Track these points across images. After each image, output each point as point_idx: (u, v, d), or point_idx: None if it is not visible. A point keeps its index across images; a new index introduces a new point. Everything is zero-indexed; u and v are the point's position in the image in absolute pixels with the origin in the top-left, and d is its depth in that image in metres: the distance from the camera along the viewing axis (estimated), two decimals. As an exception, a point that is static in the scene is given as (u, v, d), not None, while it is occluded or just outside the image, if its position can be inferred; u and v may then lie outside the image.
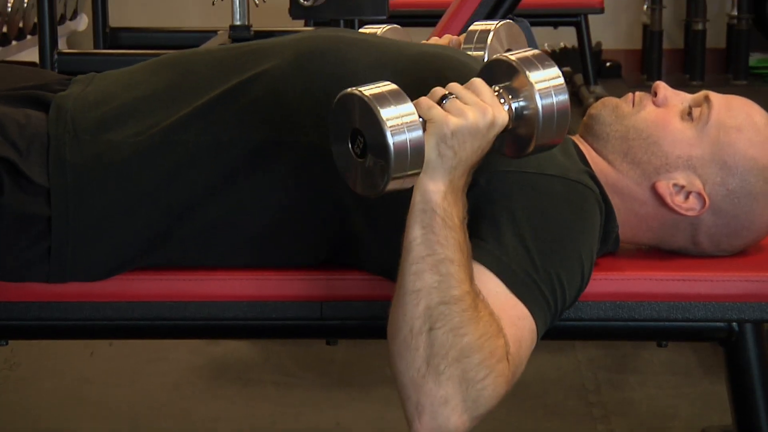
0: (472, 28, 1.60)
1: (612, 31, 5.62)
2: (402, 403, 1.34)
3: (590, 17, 4.75)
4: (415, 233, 1.33)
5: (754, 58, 5.38)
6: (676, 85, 1.64)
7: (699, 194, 1.54)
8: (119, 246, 1.50)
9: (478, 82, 1.36)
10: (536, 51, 1.38)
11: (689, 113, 1.56)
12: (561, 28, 4.97)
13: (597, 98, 4.37)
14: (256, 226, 1.51)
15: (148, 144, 1.50)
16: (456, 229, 1.33)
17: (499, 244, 1.40)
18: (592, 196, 1.50)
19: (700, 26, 5.26)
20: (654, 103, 1.58)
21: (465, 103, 1.33)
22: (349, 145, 1.33)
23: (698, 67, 5.28)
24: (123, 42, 3.52)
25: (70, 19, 4.73)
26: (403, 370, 1.32)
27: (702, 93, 1.59)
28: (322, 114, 1.45)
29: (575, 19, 4.71)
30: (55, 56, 2.93)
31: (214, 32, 3.44)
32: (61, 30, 4.45)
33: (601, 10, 4.76)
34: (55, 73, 1.74)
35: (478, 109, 1.33)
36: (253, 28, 3.14)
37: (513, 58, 1.36)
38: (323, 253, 1.54)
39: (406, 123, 1.29)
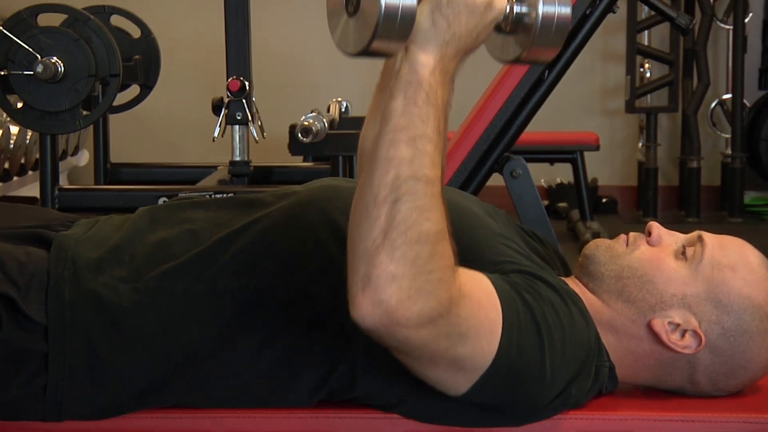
0: None
1: (608, 168, 5.68)
2: (349, 276, 1.29)
3: (586, 154, 4.80)
4: (397, 103, 1.29)
5: (749, 196, 5.42)
6: (672, 221, 1.66)
7: (695, 332, 1.54)
8: (115, 388, 1.50)
9: None
10: None
11: (683, 252, 1.57)
12: (557, 165, 5.02)
13: (594, 234, 4.40)
14: (253, 371, 1.51)
15: (145, 290, 1.51)
16: (439, 109, 1.30)
17: (497, 276, 1.42)
18: (584, 307, 1.51)
19: (694, 164, 5.32)
20: (648, 242, 1.59)
21: None
22: (344, 3, 1.30)
23: (693, 204, 5.32)
24: (123, 177, 3.55)
25: (72, 155, 4.78)
26: (357, 240, 1.28)
27: (695, 233, 1.61)
28: (313, 260, 1.46)
29: (571, 156, 4.76)
30: (56, 192, 2.96)
31: (214, 168, 3.47)
32: (63, 165, 4.49)
33: (597, 148, 4.81)
34: (58, 213, 1.76)
35: None
36: (252, 164, 3.16)
37: None
38: (321, 393, 1.54)
39: None
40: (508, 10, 1.34)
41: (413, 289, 1.28)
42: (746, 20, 5.33)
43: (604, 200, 5.59)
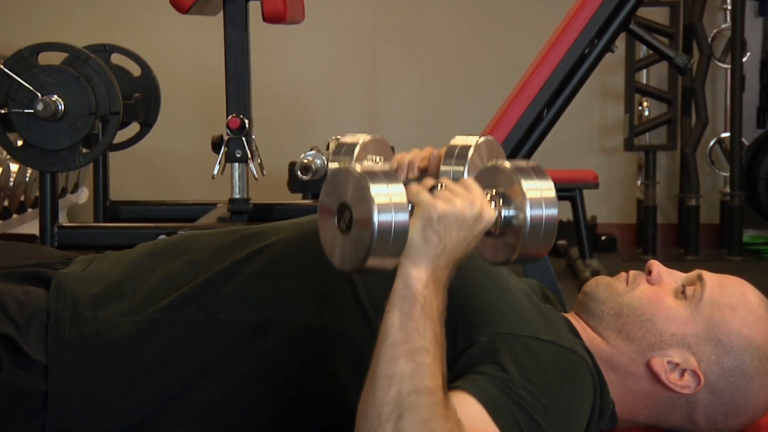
0: (452, 142, 1.59)
1: (607, 206, 5.68)
2: None
3: (585, 192, 4.80)
4: (394, 318, 1.32)
5: (748, 234, 5.42)
6: (671, 259, 1.67)
7: (694, 372, 1.54)
8: (114, 422, 1.50)
9: (469, 179, 1.38)
10: (533, 162, 1.39)
11: (683, 291, 1.57)
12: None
13: (593, 272, 4.39)
14: (251, 405, 1.51)
15: (145, 322, 1.51)
16: (435, 320, 1.32)
17: (488, 380, 1.40)
18: (584, 365, 1.50)
19: (693, 202, 5.32)
20: (648, 281, 1.60)
21: (454, 194, 1.35)
22: (336, 219, 1.33)
23: (693, 242, 5.31)
24: (123, 215, 3.54)
25: (71, 192, 4.78)
26: None
27: (695, 272, 1.61)
28: (316, 292, 1.46)
29: (570, 194, 4.75)
30: (56, 230, 2.96)
31: (214, 205, 3.47)
32: (62, 203, 4.49)
33: (596, 186, 4.82)
34: (57, 251, 1.77)
35: (466, 200, 1.34)
36: (252, 201, 3.17)
37: (508, 165, 1.38)
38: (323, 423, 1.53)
39: (395, 202, 1.30)
40: (497, 218, 1.37)
41: None
42: (744, 59, 5.35)
43: (603, 238, 5.58)
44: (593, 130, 5.71)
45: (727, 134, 5.42)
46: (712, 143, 5.55)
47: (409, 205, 1.33)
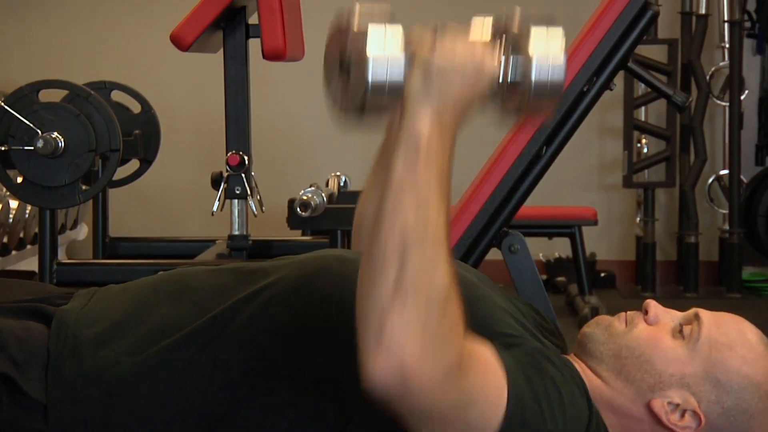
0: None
1: (606, 242, 5.68)
2: (360, 333, 1.29)
3: (584, 228, 4.80)
4: (398, 168, 1.31)
5: (747, 272, 5.42)
6: (670, 296, 1.67)
7: (694, 412, 1.53)
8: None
9: (478, 22, 1.37)
10: (546, 13, 1.37)
11: (680, 331, 1.57)
12: (555, 239, 5.02)
13: (592, 308, 4.38)
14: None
15: (146, 362, 1.51)
16: (438, 173, 1.31)
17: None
18: (583, 386, 1.50)
19: (692, 239, 5.32)
20: (645, 321, 1.59)
21: (454, 41, 1.34)
22: (338, 65, 1.32)
23: (692, 279, 5.31)
24: (122, 251, 3.54)
25: (71, 229, 4.78)
26: (367, 300, 1.28)
27: (692, 310, 1.61)
28: (317, 333, 1.46)
29: (569, 231, 4.76)
30: (55, 266, 2.96)
31: (213, 241, 3.47)
32: (61, 239, 4.49)
33: (595, 222, 4.82)
34: (56, 287, 1.76)
35: (467, 47, 1.33)
36: (251, 238, 3.17)
37: (522, 21, 1.36)
38: None
39: (392, 43, 1.29)
40: (499, 67, 1.35)
41: (425, 345, 1.27)
42: (742, 97, 5.37)
43: (602, 275, 5.58)
44: (592, 167, 5.72)
45: (726, 171, 5.43)
46: (710, 180, 5.56)
47: (408, 47, 1.31)
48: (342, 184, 3.58)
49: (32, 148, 2.76)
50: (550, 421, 1.42)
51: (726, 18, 5.37)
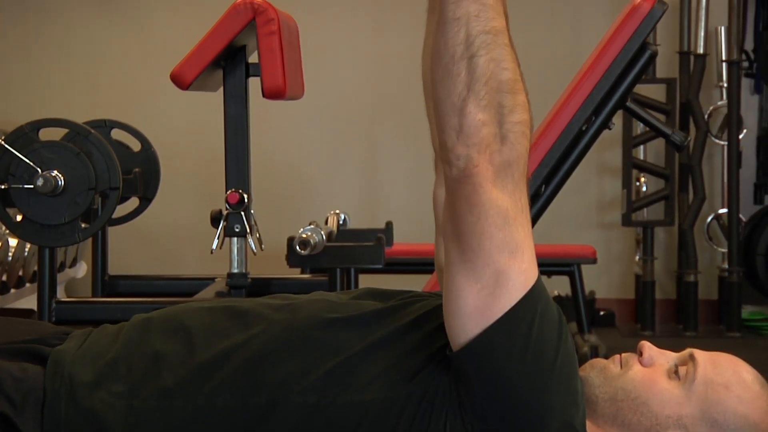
0: None
1: (605, 281, 5.68)
2: (440, 131, 1.37)
3: (583, 267, 4.80)
4: None
5: (747, 311, 5.41)
6: (670, 335, 1.66)
7: (692, 454, 1.53)
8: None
9: None
10: None
11: (675, 372, 1.57)
12: (555, 277, 5.02)
13: (591, 347, 4.38)
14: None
15: (141, 407, 1.50)
16: None
17: None
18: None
19: (691, 278, 5.32)
20: (640, 362, 1.59)
21: None
22: None
23: (691, 318, 5.30)
24: (121, 289, 3.54)
25: (70, 267, 4.78)
26: (444, 97, 1.37)
27: (687, 351, 1.60)
28: (315, 375, 1.46)
29: (569, 269, 4.75)
30: (53, 305, 2.95)
31: (212, 279, 3.47)
32: (60, 277, 4.49)
33: (594, 261, 4.82)
34: (53, 326, 1.76)
35: None
36: (250, 276, 3.16)
37: None
38: None
39: None
40: None
41: (500, 135, 1.37)
42: (741, 136, 5.38)
43: (601, 313, 5.58)
44: (591, 206, 5.72)
45: (725, 210, 5.44)
46: (709, 219, 5.56)
47: None
48: (341, 222, 3.58)
49: (32, 186, 2.76)
50: (562, 353, 1.46)
51: (724, 57, 5.39)
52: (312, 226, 3.02)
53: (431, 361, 1.47)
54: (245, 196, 3.06)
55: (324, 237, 3.01)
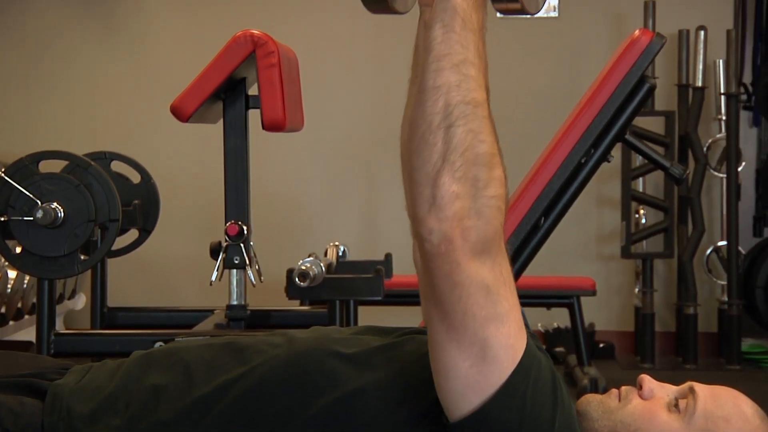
0: None
1: (605, 313, 5.67)
2: (412, 201, 1.34)
3: (583, 299, 4.80)
4: (436, 32, 1.34)
5: (747, 343, 5.40)
6: (669, 367, 1.66)
7: (691, 486, 1.52)
8: None
9: None
10: None
11: (675, 405, 1.56)
12: (554, 309, 5.02)
13: (591, 379, 4.37)
14: None
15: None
16: (476, 32, 1.35)
17: None
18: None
19: (691, 310, 5.32)
20: (640, 395, 1.58)
21: None
22: None
23: (691, 350, 5.30)
24: (120, 321, 3.54)
25: (69, 299, 4.78)
26: (418, 166, 1.33)
27: (687, 384, 1.60)
28: (311, 410, 1.46)
29: (568, 301, 4.75)
30: (52, 337, 2.95)
31: (211, 311, 3.46)
32: (59, 309, 4.49)
33: (594, 293, 4.82)
34: (52, 360, 1.76)
35: None
36: (249, 308, 3.16)
37: None
38: None
39: None
40: None
41: (474, 209, 1.33)
42: (739, 168, 5.39)
43: (601, 345, 5.57)
44: (590, 238, 5.73)
45: (724, 243, 5.44)
46: (708, 251, 5.56)
47: None
48: (341, 253, 3.58)
49: (32, 218, 2.77)
50: (559, 409, 1.44)
51: (722, 90, 5.41)
52: (311, 258, 3.01)
53: (429, 414, 1.48)
54: (245, 227, 3.06)
55: (323, 269, 3.01)
